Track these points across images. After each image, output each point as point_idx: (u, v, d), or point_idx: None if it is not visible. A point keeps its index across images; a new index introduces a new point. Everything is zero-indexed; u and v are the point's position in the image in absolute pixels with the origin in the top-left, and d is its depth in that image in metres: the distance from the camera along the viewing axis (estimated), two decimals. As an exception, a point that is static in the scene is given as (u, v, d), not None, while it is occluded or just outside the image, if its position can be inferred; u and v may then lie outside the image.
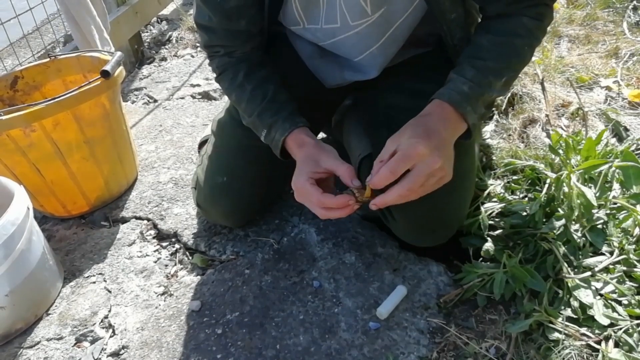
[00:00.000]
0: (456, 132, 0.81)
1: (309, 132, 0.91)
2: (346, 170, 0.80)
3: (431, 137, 0.75)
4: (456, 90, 0.81)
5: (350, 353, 0.88)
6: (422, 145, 0.73)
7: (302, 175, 0.82)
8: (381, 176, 0.74)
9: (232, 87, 0.98)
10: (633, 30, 1.68)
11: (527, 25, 0.83)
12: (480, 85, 0.81)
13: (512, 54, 0.83)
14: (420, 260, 1.04)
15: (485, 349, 0.85)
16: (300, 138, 0.88)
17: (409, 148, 0.73)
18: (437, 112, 0.80)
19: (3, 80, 1.33)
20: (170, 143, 1.55)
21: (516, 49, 0.83)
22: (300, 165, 0.85)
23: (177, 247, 1.17)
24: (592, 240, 0.92)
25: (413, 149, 0.73)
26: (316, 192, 0.80)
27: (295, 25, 0.97)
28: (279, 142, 0.90)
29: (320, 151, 0.84)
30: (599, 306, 0.83)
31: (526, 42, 0.84)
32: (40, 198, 1.23)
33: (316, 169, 0.82)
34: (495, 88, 0.83)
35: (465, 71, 0.82)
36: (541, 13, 0.83)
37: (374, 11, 0.87)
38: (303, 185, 0.81)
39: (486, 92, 0.82)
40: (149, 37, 2.34)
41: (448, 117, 0.80)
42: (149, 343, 0.94)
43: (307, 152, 0.86)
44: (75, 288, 1.09)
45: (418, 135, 0.75)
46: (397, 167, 0.73)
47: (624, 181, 0.96)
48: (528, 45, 0.84)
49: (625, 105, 1.34)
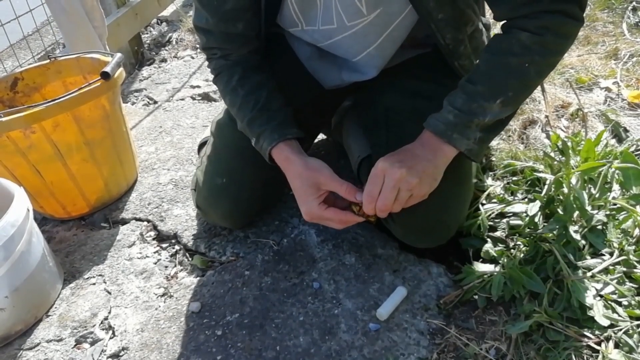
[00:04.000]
0: (442, 157, 0.84)
1: (294, 145, 0.91)
2: (347, 190, 0.85)
3: (398, 153, 0.83)
4: (441, 119, 0.83)
5: (350, 354, 0.88)
6: (382, 162, 0.81)
7: (311, 203, 0.87)
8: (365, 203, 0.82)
9: (227, 91, 0.98)
10: (632, 31, 1.68)
11: (524, 42, 0.77)
12: (470, 112, 0.81)
13: (506, 74, 0.80)
14: (420, 262, 1.04)
15: (485, 350, 0.85)
16: (285, 154, 0.90)
17: (374, 168, 0.82)
18: (421, 138, 0.85)
19: (3, 81, 1.33)
20: (170, 144, 1.55)
21: (511, 69, 0.79)
22: (300, 192, 0.88)
23: (177, 248, 1.17)
24: (592, 241, 0.92)
25: (376, 167, 0.81)
26: (335, 213, 0.87)
27: (293, 27, 0.97)
28: (266, 152, 0.92)
29: (314, 173, 0.86)
30: (599, 307, 0.83)
31: (524, 59, 0.78)
32: (40, 199, 1.23)
33: (319, 192, 0.87)
34: (491, 111, 0.80)
35: (456, 98, 0.83)
36: (545, 26, 0.76)
37: (370, 11, 0.87)
38: (318, 212, 0.87)
39: (478, 117, 0.80)
40: (148, 39, 2.34)
41: (430, 144, 0.84)
42: (148, 344, 0.94)
43: (300, 174, 0.88)
44: (75, 289, 1.09)
45: (387, 157, 0.82)
46: (371, 189, 0.81)
47: (624, 182, 0.96)
48: (529, 62, 0.78)
49: (624, 106, 1.34)
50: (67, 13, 1.54)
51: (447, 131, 0.82)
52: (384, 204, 0.80)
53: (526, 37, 0.77)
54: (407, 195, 0.81)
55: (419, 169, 0.80)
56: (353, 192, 0.84)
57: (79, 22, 1.57)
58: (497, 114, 0.82)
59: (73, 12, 1.55)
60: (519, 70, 0.79)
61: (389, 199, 0.80)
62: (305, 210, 0.88)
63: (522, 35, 0.78)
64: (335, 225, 0.89)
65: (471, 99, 0.81)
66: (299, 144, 0.92)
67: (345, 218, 0.87)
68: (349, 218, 0.87)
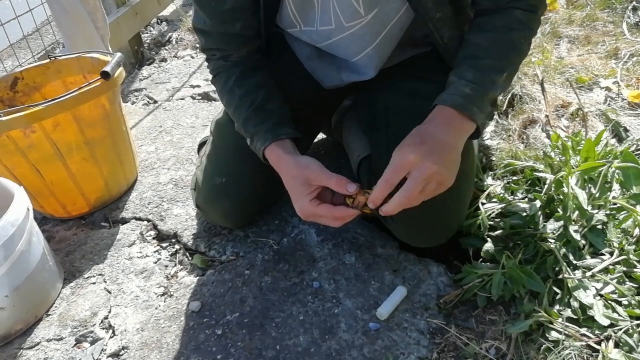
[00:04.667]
0: (464, 134, 0.82)
1: (288, 145, 0.90)
2: (337, 182, 0.81)
3: (425, 142, 0.77)
4: (458, 93, 0.81)
5: (350, 354, 0.88)
6: (412, 153, 0.75)
7: (302, 200, 0.84)
8: (378, 189, 0.77)
9: (224, 91, 0.98)
10: (633, 31, 1.68)
11: (520, 18, 0.83)
12: (483, 85, 0.81)
13: (510, 48, 0.84)
14: (420, 261, 1.04)
15: (485, 350, 0.85)
16: (277, 154, 0.88)
17: (400, 157, 0.76)
18: (439, 117, 0.81)
19: (3, 81, 1.33)
20: (170, 144, 1.55)
21: (513, 43, 0.84)
22: (292, 190, 0.86)
23: (177, 247, 1.17)
24: (592, 240, 0.92)
25: (404, 158, 0.76)
26: (327, 209, 0.82)
27: (292, 27, 0.97)
28: (260, 152, 0.91)
29: (304, 169, 0.84)
30: (599, 307, 0.83)
31: (522, 34, 0.84)
32: (40, 199, 1.23)
33: (310, 189, 0.84)
34: (499, 84, 0.83)
35: (465, 73, 0.82)
36: (533, 4, 0.84)
37: (367, 12, 0.87)
38: (310, 209, 0.84)
39: (490, 90, 0.82)
40: (148, 38, 2.34)
41: (451, 121, 0.80)
42: (148, 344, 0.94)
43: (291, 173, 0.86)
44: (75, 289, 1.09)
45: (413, 143, 0.77)
46: (391, 177, 0.76)
47: (624, 182, 0.96)
48: (524, 37, 0.85)
49: (625, 105, 1.34)
50: (68, 13, 1.54)
51: (468, 104, 0.80)
52: (407, 198, 0.75)
53: (521, 14, 0.84)
54: (434, 189, 0.77)
55: (449, 159, 0.77)
56: (344, 183, 0.80)
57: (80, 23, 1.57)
58: (502, 87, 0.85)
59: (74, 12, 1.54)
60: (517, 45, 0.85)
61: (414, 195, 0.75)
62: (298, 208, 0.86)
63: (517, 13, 0.83)
64: (331, 222, 0.84)
65: (482, 73, 0.82)
66: (293, 144, 0.91)
67: (339, 213, 0.82)
68: (342, 213, 0.82)
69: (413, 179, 0.75)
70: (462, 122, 0.81)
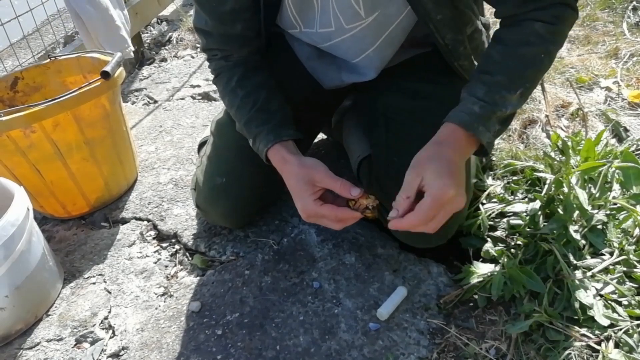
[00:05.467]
0: (468, 154, 0.81)
1: (291, 146, 0.89)
2: (342, 186, 0.81)
3: (455, 174, 0.75)
4: (466, 111, 0.79)
5: (350, 354, 0.88)
6: (451, 188, 0.73)
7: (305, 199, 0.84)
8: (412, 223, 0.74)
9: (226, 92, 0.98)
10: (633, 31, 1.68)
11: (539, 31, 0.78)
12: (493, 103, 0.78)
13: (525, 64, 0.80)
14: (420, 261, 1.04)
15: (485, 350, 0.85)
16: (281, 154, 0.88)
17: (441, 193, 0.73)
18: (451, 138, 0.79)
19: (3, 81, 1.33)
20: (170, 144, 1.55)
21: (529, 59, 0.80)
22: (295, 189, 0.85)
23: (177, 247, 1.17)
24: (592, 240, 0.92)
25: (445, 194, 0.73)
26: (330, 209, 0.82)
27: (292, 28, 0.97)
28: (263, 153, 0.91)
29: (309, 170, 0.84)
30: (599, 307, 0.83)
31: (540, 49, 0.79)
32: (40, 199, 1.23)
33: (314, 189, 0.83)
34: (511, 102, 0.79)
35: (476, 89, 0.80)
36: (557, 15, 0.78)
37: (368, 14, 0.87)
38: (313, 209, 0.83)
39: (499, 108, 0.79)
40: (149, 38, 2.34)
41: (460, 142, 0.79)
42: (148, 344, 0.94)
43: (295, 173, 0.85)
44: (75, 289, 1.09)
45: (445, 174, 0.74)
46: (430, 215, 0.74)
47: (624, 182, 0.96)
48: (544, 52, 0.79)
49: (625, 105, 1.34)
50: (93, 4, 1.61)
51: (474, 123, 0.78)
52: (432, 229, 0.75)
53: (540, 27, 0.78)
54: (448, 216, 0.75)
55: (462, 182, 0.76)
56: (348, 187, 0.80)
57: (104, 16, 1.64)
58: (516, 105, 0.81)
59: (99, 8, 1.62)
60: (535, 60, 0.80)
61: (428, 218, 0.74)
62: (301, 207, 0.85)
63: (536, 26, 0.78)
64: (333, 224, 0.85)
65: (493, 90, 0.79)
66: (295, 145, 0.91)
67: (342, 214, 0.82)
68: (345, 214, 0.82)
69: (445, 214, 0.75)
70: (467, 140, 0.79)
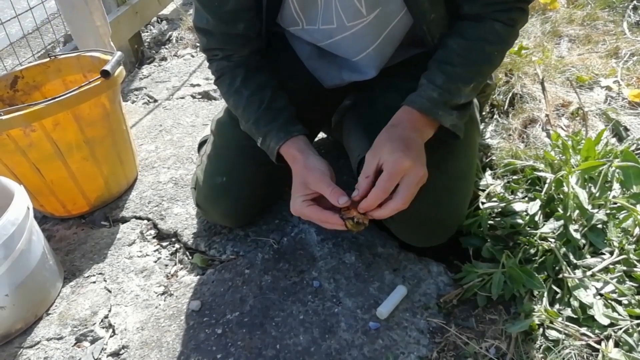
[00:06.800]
0: (428, 136, 0.85)
1: (301, 142, 0.91)
2: (332, 193, 0.82)
3: (410, 147, 0.79)
4: (425, 97, 0.84)
5: (350, 353, 0.88)
6: (406, 160, 0.77)
7: (296, 198, 0.86)
8: (373, 198, 0.78)
9: (230, 93, 0.98)
10: (633, 30, 1.68)
11: (498, 31, 0.84)
12: (450, 92, 0.84)
13: (482, 60, 0.85)
14: (420, 260, 1.04)
15: (485, 349, 0.85)
16: (292, 153, 0.90)
17: (395, 165, 0.77)
18: (408, 120, 0.84)
19: (3, 80, 1.33)
20: (170, 143, 1.55)
21: (485, 55, 0.85)
22: (293, 187, 0.88)
23: (177, 247, 1.17)
24: (592, 240, 0.92)
25: (399, 165, 0.76)
26: (315, 212, 0.84)
27: (294, 26, 0.97)
28: (274, 150, 0.91)
29: (307, 172, 0.85)
30: (599, 306, 0.83)
31: (496, 47, 0.85)
32: (40, 198, 1.23)
33: (306, 191, 0.85)
34: (464, 94, 0.85)
35: (436, 77, 0.85)
36: (514, 18, 0.84)
37: (369, 12, 0.87)
38: (299, 208, 0.85)
39: (455, 98, 0.84)
40: (149, 37, 2.34)
41: (418, 124, 0.84)
42: (149, 343, 0.94)
43: (297, 172, 0.88)
44: (75, 288, 1.09)
45: (399, 149, 0.78)
46: (388, 186, 0.77)
47: (624, 181, 0.96)
48: (498, 50, 0.86)
49: (625, 105, 1.33)
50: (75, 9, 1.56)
51: (433, 108, 0.83)
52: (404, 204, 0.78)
53: (500, 27, 0.84)
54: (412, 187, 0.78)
55: (418, 155, 0.80)
56: (337, 194, 0.81)
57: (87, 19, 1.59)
58: (467, 97, 0.86)
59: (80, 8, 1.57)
60: (491, 57, 0.86)
61: (410, 199, 0.78)
62: (291, 204, 0.88)
63: (496, 25, 0.84)
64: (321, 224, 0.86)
65: (450, 80, 0.84)
66: (307, 140, 0.92)
67: (325, 218, 0.82)
68: (328, 218, 0.82)
69: (408, 184, 0.77)
70: (428, 123, 0.84)
